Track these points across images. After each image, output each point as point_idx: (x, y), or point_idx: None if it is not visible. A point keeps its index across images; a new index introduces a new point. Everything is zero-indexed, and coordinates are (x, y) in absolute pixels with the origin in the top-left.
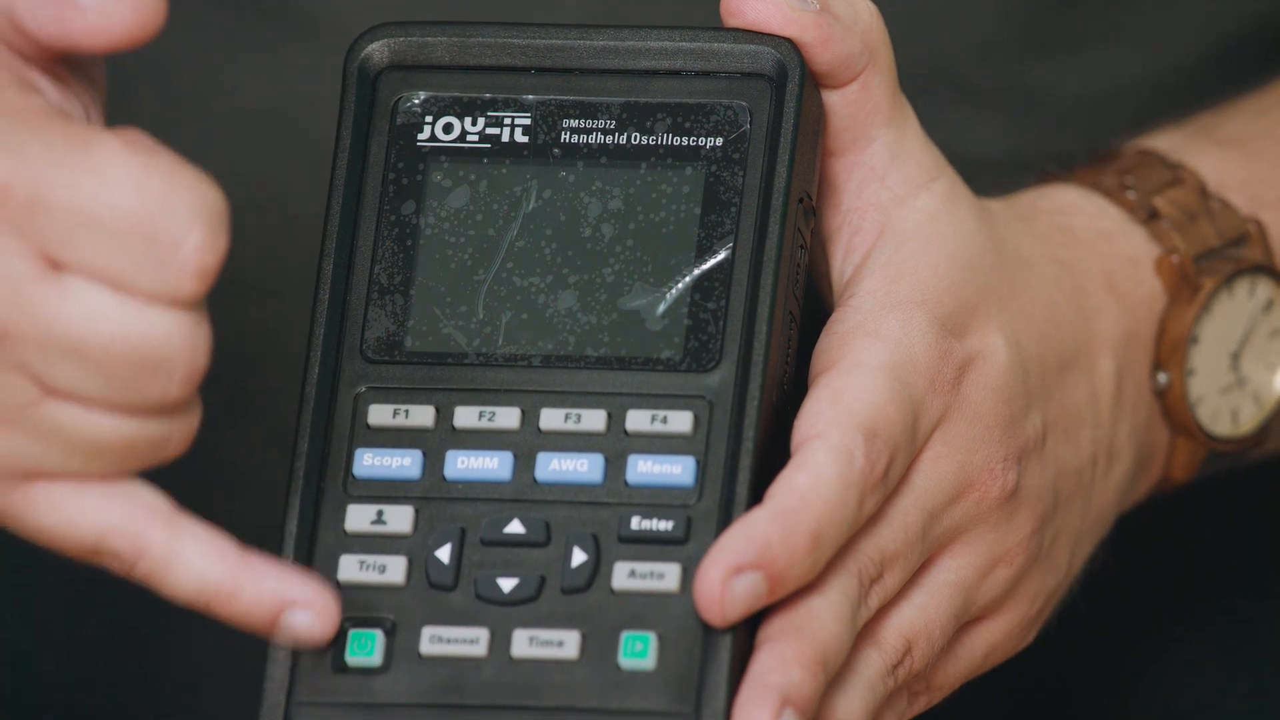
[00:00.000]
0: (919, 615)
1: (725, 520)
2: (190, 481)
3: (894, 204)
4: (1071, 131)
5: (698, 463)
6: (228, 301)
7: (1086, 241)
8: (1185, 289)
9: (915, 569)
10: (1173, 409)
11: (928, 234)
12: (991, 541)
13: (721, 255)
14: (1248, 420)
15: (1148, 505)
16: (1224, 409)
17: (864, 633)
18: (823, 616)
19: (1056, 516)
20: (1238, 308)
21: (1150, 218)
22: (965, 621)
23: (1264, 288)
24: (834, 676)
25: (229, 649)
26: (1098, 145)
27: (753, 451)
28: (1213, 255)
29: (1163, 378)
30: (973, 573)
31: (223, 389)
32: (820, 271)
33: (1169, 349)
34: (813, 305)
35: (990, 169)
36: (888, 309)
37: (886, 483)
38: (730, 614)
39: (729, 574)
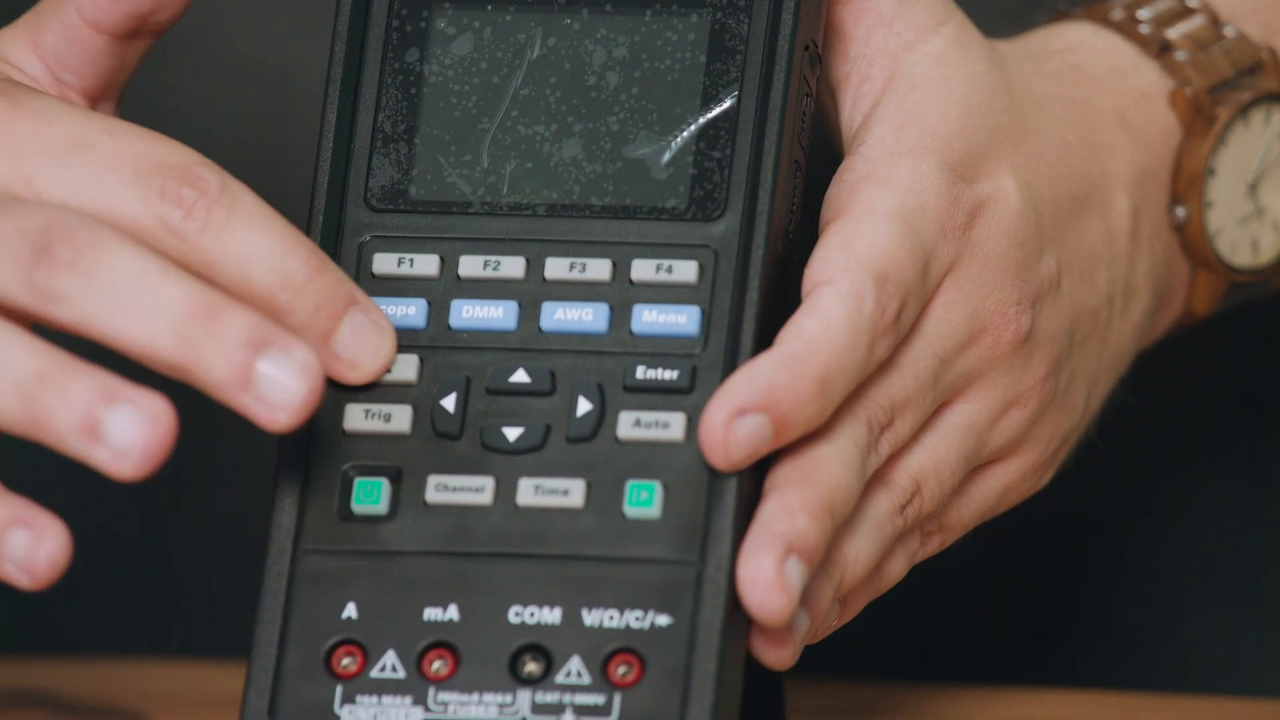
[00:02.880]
0: (928, 457)
1: (730, 370)
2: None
3: (902, 49)
4: None
5: (703, 312)
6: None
7: (1098, 79)
8: (1200, 121)
9: (927, 415)
10: (1191, 242)
11: (937, 78)
12: (1005, 385)
13: (727, 103)
14: (1268, 249)
15: (1168, 340)
16: (1243, 240)
17: (874, 476)
18: (830, 463)
19: (1072, 358)
20: (1253, 138)
21: (1162, 51)
22: (979, 464)
23: None
24: (842, 523)
25: (238, 500)
26: None
27: (758, 301)
28: (1227, 86)
29: (1180, 212)
30: (985, 416)
31: None
32: (829, 120)
33: (1185, 183)
34: (828, 155)
35: None
36: (897, 156)
37: (898, 328)
38: (734, 456)
39: (732, 416)
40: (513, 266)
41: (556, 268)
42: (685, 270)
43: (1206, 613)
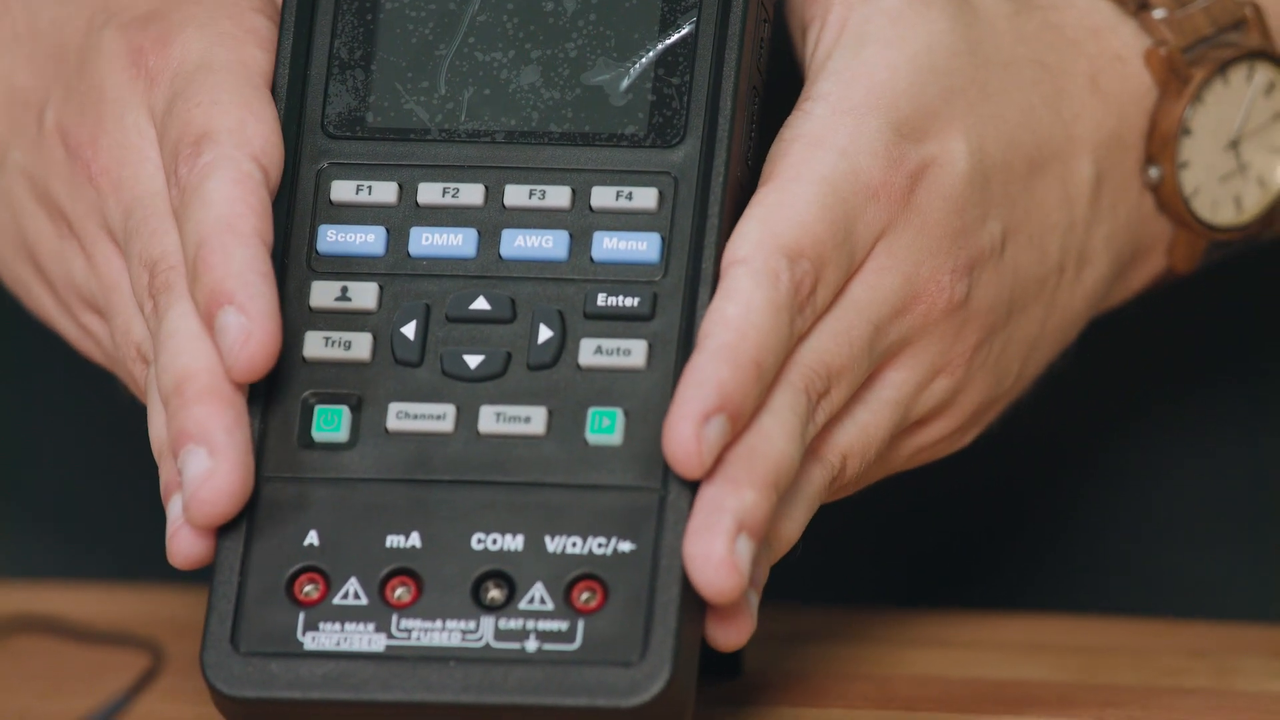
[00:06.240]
0: (859, 434)
1: (691, 297)
2: None
3: (859, 2)
4: None
5: (663, 239)
6: None
7: (1075, 41)
8: (1174, 81)
9: (861, 381)
10: (1167, 202)
11: (889, 37)
12: (935, 354)
13: (685, 30)
14: (1252, 206)
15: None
16: (1225, 197)
17: (809, 448)
18: (774, 435)
19: (1010, 325)
20: (1234, 95)
21: (1140, 9)
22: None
23: (1263, 72)
24: (784, 494)
25: None
26: None
27: (718, 228)
28: (1205, 43)
29: (1154, 172)
30: (913, 387)
31: None
32: (800, 60)
33: (1159, 143)
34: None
35: None
36: (840, 115)
37: (814, 302)
38: (708, 462)
39: (699, 425)
40: (472, 194)
41: (516, 195)
42: (645, 197)
43: (1204, 542)
